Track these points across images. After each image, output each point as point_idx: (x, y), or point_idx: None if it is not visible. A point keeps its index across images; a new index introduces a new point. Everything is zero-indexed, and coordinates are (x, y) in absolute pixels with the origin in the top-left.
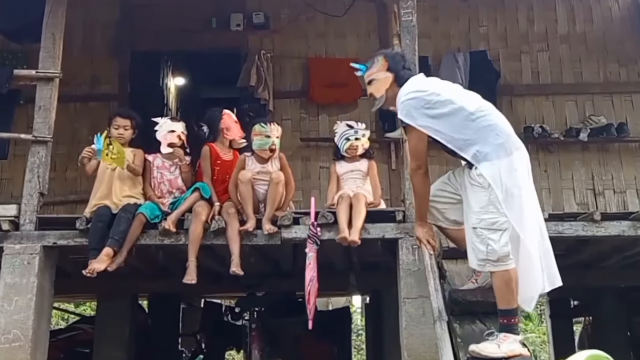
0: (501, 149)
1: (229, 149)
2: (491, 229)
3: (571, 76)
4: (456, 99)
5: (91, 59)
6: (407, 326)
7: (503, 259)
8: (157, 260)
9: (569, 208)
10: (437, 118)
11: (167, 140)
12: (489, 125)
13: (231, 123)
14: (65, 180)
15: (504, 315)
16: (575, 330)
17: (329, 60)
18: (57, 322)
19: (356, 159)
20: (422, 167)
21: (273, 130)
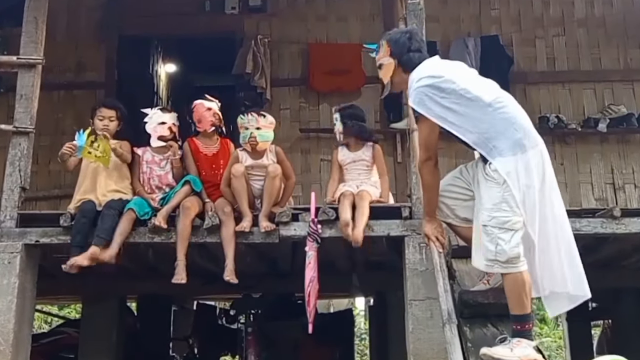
0: (518, 145)
1: (215, 140)
2: (502, 227)
3: (589, 63)
4: (473, 88)
5: (76, 44)
6: (413, 330)
7: (513, 261)
8: (147, 259)
9: (587, 204)
10: (451, 109)
11: (157, 132)
12: (507, 119)
13: (203, 113)
14: (48, 174)
15: (517, 321)
16: (593, 334)
17: (330, 45)
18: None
19: (360, 146)
20: (432, 158)
21: (251, 121)
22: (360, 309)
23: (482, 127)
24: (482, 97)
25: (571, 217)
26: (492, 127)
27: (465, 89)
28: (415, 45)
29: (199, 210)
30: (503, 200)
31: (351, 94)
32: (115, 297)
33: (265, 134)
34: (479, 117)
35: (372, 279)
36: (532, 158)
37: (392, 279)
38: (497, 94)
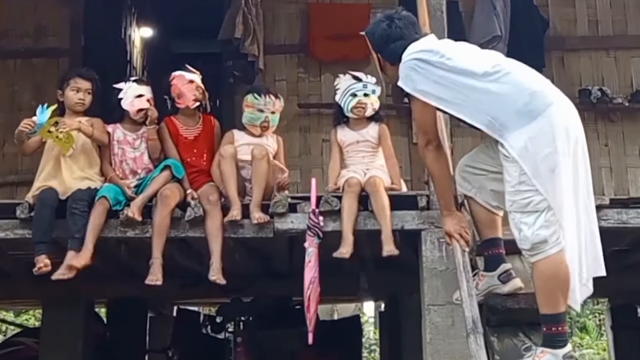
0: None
1: (197, 119)
2: (525, 211)
3: (637, 27)
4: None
5: (35, 4)
6: (431, 340)
7: (538, 247)
8: (119, 257)
9: (636, 191)
10: (442, 84)
11: (134, 107)
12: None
13: (182, 86)
14: (3, 158)
15: (546, 321)
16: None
17: (333, 5)
18: None
19: (363, 124)
20: (433, 141)
21: (268, 104)
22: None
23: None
24: (475, 67)
25: (617, 207)
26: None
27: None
28: (395, 34)
29: (180, 200)
30: (520, 181)
31: (358, 63)
32: (81, 301)
33: (276, 118)
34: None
35: (383, 280)
36: (546, 121)
37: (406, 281)
38: (496, 62)
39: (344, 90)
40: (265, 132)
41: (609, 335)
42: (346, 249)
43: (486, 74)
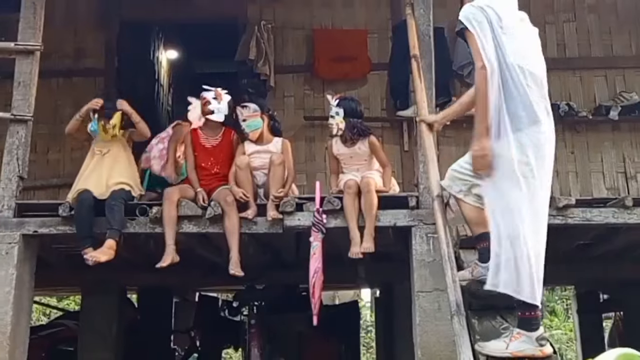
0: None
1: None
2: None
3: (600, 49)
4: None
5: (75, 30)
6: (421, 322)
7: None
8: (148, 250)
9: (598, 193)
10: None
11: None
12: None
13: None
14: (47, 163)
15: (521, 307)
16: (604, 327)
17: (335, 31)
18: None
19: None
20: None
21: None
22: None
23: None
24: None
25: (582, 206)
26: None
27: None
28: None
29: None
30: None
31: (357, 81)
32: (115, 288)
33: (252, 123)
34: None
35: (379, 270)
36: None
37: (398, 270)
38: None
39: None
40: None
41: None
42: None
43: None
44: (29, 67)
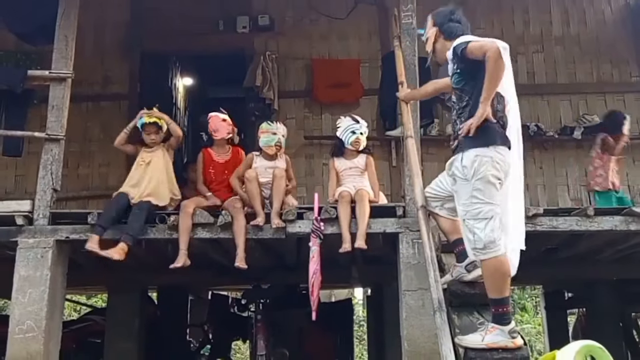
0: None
1: (227, 149)
2: (476, 218)
3: (565, 77)
4: None
5: (102, 59)
6: (407, 317)
7: (489, 246)
8: (166, 253)
9: (563, 203)
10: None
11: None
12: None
13: (218, 123)
14: (77, 177)
15: (494, 304)
16: (569, 322)
17: (331, 61)
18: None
19: (354, 155)
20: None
21: (279, 129)
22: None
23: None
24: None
25: (549, 215)
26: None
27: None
28: (456, 17)
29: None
30: (472, 196)
31: (351, 105)
32: (137, 288)
33: (284, 140)
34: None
35: (370, 271)
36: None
37: (387, 272)
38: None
39: (345, 128)
40: (279, 152)
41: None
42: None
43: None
44: (61, 92)
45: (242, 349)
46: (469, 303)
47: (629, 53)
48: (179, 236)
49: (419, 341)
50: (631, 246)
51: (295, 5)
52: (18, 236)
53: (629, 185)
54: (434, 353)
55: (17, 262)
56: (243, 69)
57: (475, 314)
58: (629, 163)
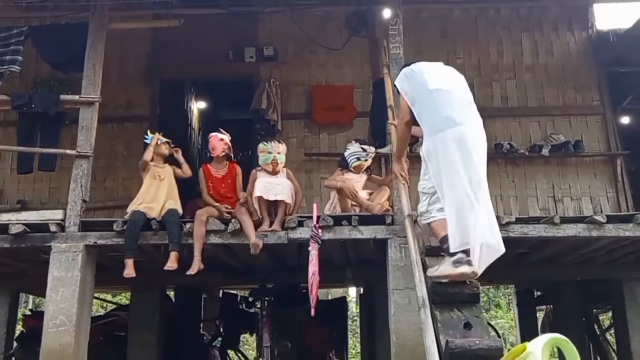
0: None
1: (224, 164)
2: (423, 192)
3: (535, 101)
4: (427, 74)
5: (126, 86)
6: (395, 313)
7: (424, 215)
8: (182, 256)
9: (533, 213)
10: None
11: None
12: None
13: (216, 142)
14: (104, 190)
15: (442, 243)
16: (538, 317)
17: (328, 87)
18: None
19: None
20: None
21: (274, 147)
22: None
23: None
24: (429, 83)
25: (520, 223)
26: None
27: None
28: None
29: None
30: (425, 172)
31: (345, 126)
32: (157, 287)
33: (282, 157)
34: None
35: (362, 273)
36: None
37: (378, 273)
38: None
39: (352, 152)
40: (277, 168)
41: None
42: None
43: (433, 90)
44: (90, 114)
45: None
46: (450, 301)
47: (590, 80)
48: (194, 242)
49: (405, 334)
50: (593, 250)
51: (296, 37)
52: (52, 241)
53: (590, 196)
54: (418, 344)
55: (51, 265)
56: (250, 94)
57: (455, 310)
58: (591, 176)
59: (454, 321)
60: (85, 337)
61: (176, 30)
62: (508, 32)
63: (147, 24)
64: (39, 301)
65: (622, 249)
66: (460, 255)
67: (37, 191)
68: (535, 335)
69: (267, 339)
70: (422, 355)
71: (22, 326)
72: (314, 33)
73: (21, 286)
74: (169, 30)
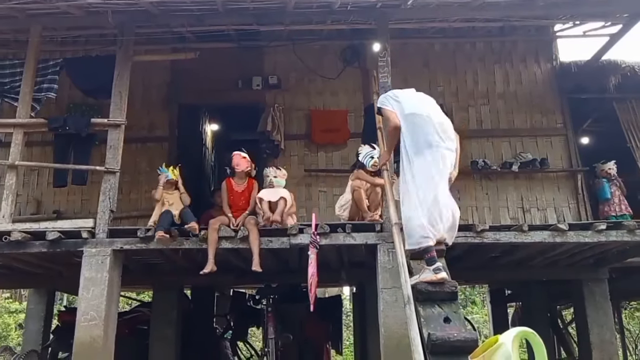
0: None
1: (244, 179)
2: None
3: (506, 123)
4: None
5: (148, 110)
6: (383, 309)
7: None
8: (198, 260)
9: (504, 221)
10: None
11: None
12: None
13: (239, 160)
14: (129, 201)
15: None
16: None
17: (325, 111)
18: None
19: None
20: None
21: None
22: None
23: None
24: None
25: (493, 230)
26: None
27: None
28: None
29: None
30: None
31: (340, 145)
32: (175, 286)
33: (280, 181)
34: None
35: (355, 274)
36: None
37: (369, 274)
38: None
39: (365, 154)
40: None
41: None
42: None
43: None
44: (117, 135)
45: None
46: (431, 299)
47: (554, 105)
48: (208, 247)
49: (392, 328)
50: (557, 254)
51: (297, 68)
52: (83, 247)
53: (554, 207)
54: (404, 337)
55: (83, 267)
56: (257, 117)
57: (436, 306)
58: (555, 190)
59: (435, 316)
60: (112, 330)
61: (192, 61)
62: (482, 63)
63: (167, 57)
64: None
65: (582, 253)
66: (438, 263)
67: (70, 202)
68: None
69: (271, 332)
70: (408, 346)
71: (58, 320)
72: (312, 64)
73: (57, 286)
74: (186, 62)
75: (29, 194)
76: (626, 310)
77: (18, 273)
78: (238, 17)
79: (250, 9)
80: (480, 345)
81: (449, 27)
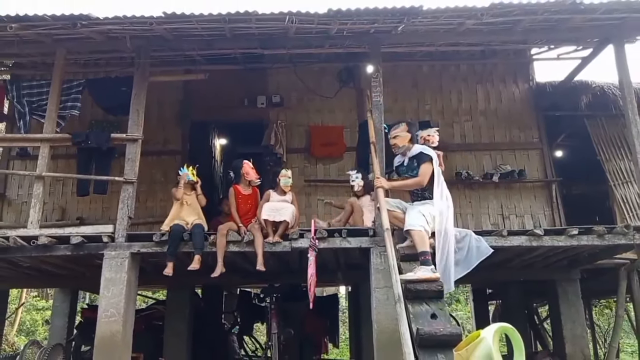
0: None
1: (249, 187)
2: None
3: (487, 138)
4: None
5: (163, 126)
6: (376, 307)
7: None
8: (208, 262)
9: (486, 227)
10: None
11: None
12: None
13: (249, 169)
14: (145, 209)
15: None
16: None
17: (324, 127)
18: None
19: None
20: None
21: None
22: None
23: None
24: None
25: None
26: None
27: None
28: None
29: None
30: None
31: (337, 158)
32: (188, 286)
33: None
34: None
35: (350, 275)
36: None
37: (363, 275)
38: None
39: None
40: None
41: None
42: None
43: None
44: (134, 149)
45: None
46: (420, 297)
47: (531, 122)
48: (217, 251)
49: (384, 323)
50: (533, 257)
51: (297, 88)
52: (104, 250)
53: (531, 214)
54: (395, 332)
55: (103, 268)
56: (261, 133)
57: (424, 304)
58: (532, 198)
59: (423, 313)
60: (130, 326)
61: (203, 82)
62: (466, 83)
63: (180, 77)
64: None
65: (556, 255)
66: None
67: (92, 210)
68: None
69: (275, 327)
70: (398, 340)
71: (81, 317)
72: (312, 84)
73: (80, 285)
74: (197, 82)
75: (55, 202)
76: (596, 307)
77: (45, 274)
78: (244, 41)
79: (256, 35)
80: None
81: (436, 50)
